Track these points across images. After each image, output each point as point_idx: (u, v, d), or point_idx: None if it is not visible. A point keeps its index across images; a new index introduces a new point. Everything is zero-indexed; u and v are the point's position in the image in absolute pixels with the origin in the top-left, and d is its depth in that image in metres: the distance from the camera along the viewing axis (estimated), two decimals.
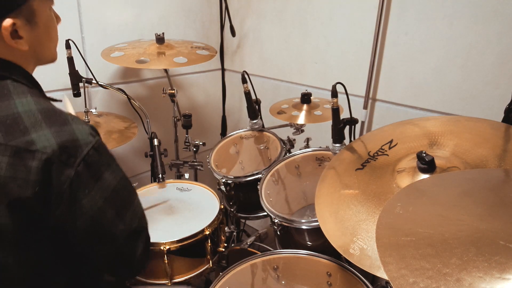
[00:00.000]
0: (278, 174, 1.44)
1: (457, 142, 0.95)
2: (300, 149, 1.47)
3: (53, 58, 0.87)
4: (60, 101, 0.90)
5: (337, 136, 1.25)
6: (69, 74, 1.45)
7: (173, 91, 1.68)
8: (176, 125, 1.79)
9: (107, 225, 0.80)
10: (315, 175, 1.40)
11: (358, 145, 1.13)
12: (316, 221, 1.06)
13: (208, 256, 1.25)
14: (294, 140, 1.60)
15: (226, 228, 1.43)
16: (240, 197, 1.48)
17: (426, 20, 1.42)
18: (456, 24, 1.35)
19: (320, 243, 1.18)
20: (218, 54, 2.08)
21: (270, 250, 1.24)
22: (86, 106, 1.54)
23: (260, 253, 1.19)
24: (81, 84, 1.47)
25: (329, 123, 1.26)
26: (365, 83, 1.64)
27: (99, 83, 1.54)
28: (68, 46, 1.43)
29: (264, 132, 1.65)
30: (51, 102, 0.81)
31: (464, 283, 0.47)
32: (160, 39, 1.61)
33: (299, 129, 1.60)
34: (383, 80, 1.61)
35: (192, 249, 1.21)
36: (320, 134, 1.66)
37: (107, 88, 1.58)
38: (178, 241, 1.18)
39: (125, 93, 1.56)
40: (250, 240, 1.54)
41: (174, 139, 1.83)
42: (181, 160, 1.78)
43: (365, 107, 1.67)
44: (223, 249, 1.34)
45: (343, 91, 1.20)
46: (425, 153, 0.87)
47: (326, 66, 1.82)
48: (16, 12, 0.73)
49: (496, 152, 0.88)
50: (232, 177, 1.44)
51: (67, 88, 1.54)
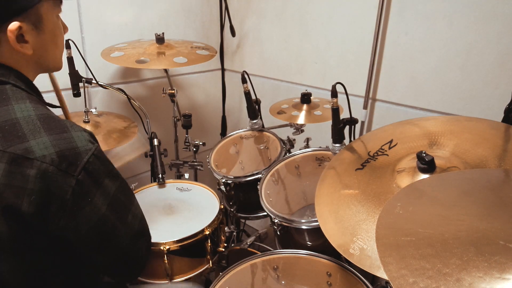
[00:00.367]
0: (278, 174, 1.44)
1: (457, 142, 0.95)
2: (300, 149, 1.47)
3: (58, 66, 0.87)
4: (58, 107, 0.90)
5: (337, 136, 1.25)
6: (69, 74, 1.45)
7: (173, 91, 1.68)
8: (176, 125, 1.79)
9: (111, 230, 0.80)
10: (315, 175, 1.40)
11: (358, 145, 1.13)
12: (316, 221, 1.06)
13: (208, 256, 1.25)
14: (294, 140, 1.60)
15: (226, 228, 1.42)
16: (240, 197, 1.48)
17: (426, 20, 1.42)
18: (456, 24, 1.35)
19: (320, 243, 1.18)
20: (218, 54, 2.08)
21: (270, 250, 1.24)
22: (86, 106, 1.54)
23: (260, 253, 1.19)
24: (81, 84, 1.47)
25: (329, 123, 1.26)
26: (365, 83, 1.64)
27: (99, 83, 1.54)
28: (68, 46, 1.43)
29: (264, 132, 1.65)
30: (49, 108, 0.80)
31: (464, 283, 0.47)
32: (160, 39, 1.61)
33: (299, 129, 1.60)
34: (383, 80, 1.61)
35: (192, 249, 1.21)
36: (320, 134, 1.66)
37: (107, 88, 1.58)
38: (178, 241, 1.18)
39: (125, 93, 1.56)
40: (250, 240, 1.54)
41: (174, 139, 1.83)
42: (181, 160, 1.79)
43: (365, 107, 1.67)
44: (223, 249, 1.34)
45: (343, 91, 1.20)
46: (425, 153, 0.87)
47: (326, 66, 1.82)
48: (23, 16, 0.73)
49: (496, 152, 0.88)
50: (232, 177, 1.44)
51: (67, 88, 1.54)
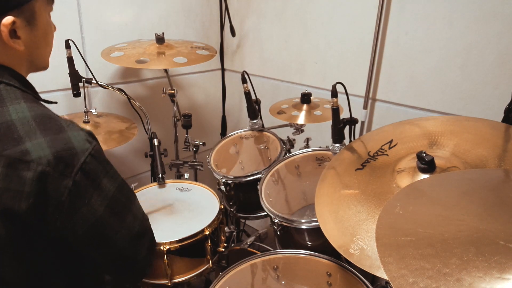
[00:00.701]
0: (278, 174, 1.44)
1: (457, 142, 0.95)
2: (300, 149, 1.47)
3: (45, 65, 0.86)
4: (55, 103, 0.89)
5: (337, 136, 1.25)
6: (69, 74, 1.45)
7: (173, 91, 1.68)
8: (176, 125, 1.79)
9: (109, 231, 0.79)
10: (315, 175, 1.40)
11: (358, 145, 1.13)
12: (316, 221, 1.06)
13: (208, 256, 1.25)
14: (294, 140, 1.60)
15: (226, 228, 1.42)
16: (240, 197, 1.48)
17: (426, 20, 1.42)
18: (456, 24, 1.35)
19: (320, 243, 1.18)
20: (218, 54, 2.08)
21: (270, 250, 1.24)
22: (86, 106, 1.54)
23: (260, 253, 1.19)
24: (81, 84, 1.47)
25: (329, 123, 1.26)
26: (365, 83, 1.64)
27: (99, 83, 1.54)
28: (68, 46, 1.43)
29: (264, 132, 1.65)
30: (45, 105, 0.79)
31: (464, 283, 0.47)
32: (160, 39, 1.61)
33: (299, 129, 1.60)
34: (383, 80, 1.61)
35: (192, 249, 1.21)
36: (320, 134, 1.66)
37: (107, 88, 1.58)
38: (178, 241, 1.17)
39: (125, 93, 1.56)
40: (250, 240, 1.54)
41: (174, 139, 1.83)
42: (181, 160, 1.78)
43: (365, 107, 1.67)
44: (223, 249, 1.34)
45: (343, 91, 1.20)
46: (425, 153, 0.87)
47: (326, 66, 1.82)
48: (18, 11, 0.72)
49: (496, 152, 0.88)
50: (232, 177, 1.44)
51: (67, 88, 1.54)
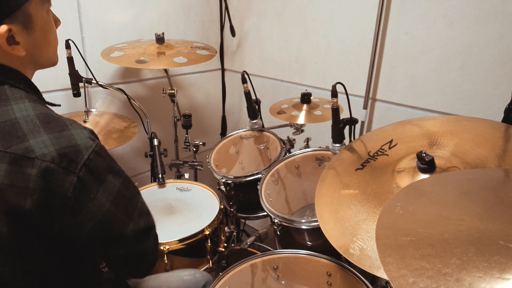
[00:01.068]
0: (278, 174, 1.44)
1: (457, 142, 0.95)
2: (300, 149, 1.47)
3: (53, 62, 0.86)
4: (59, 106, 0.90)
5: (337, 136, 1.25)
6: (69, 74, 1.45)
7: (173, 91, 1.68)
8: (176, 125, 1.79)
9: (116, 227, 0.79)
10: (315, 175, 1.40)
11: (358, 145, 1.13)
12: (316, 221, 1.06)
13: (208, 256, 1.26)
14: (294, 140, 1.60)
15: (226, 228, 1.43)
16: (240, 197, 1.48)
17: (426, 20, 1.42)
18: (456, 24, 1.35)
19: (320, 243, 1.18)
20: (218, 54, 2.08)
21: (270, 250, 1.24)
22: (86, 106, 1.54)
23: (260, 253, 1.19)
24: (81, 84, 1.47)
25: (329, 123, 1.26)
26: (365, 83, 1.64)
27: (99, 83, 1.54)
28: (68, 46, 1.43)
29: (264, 132, 1.65)
30: (49, 107, 0.80)
31: (464, 283, 0.47)
32: (160, 39, 1.61)
33: (299, 129, 1.60)
34: (383, 80, 1.61)
35: (192, 249, 1.22)
36: (320, 134, 1.66)
37: (107, 88, 1.58)
38: (178, 241, 1.18)
39: (125, 93, 1.56)
40: (250, 240, 1.54)
41: (174, 139, 1.83)
42: (181, 160, 1.79)
43: (365, 107, 1.67)
44: (223, 249, 1.34)
45: (343, 91, 1.21)
46: (425, 153, 0.87)
47: (326, 66, 1.82)
48: (11, 18, 0.71)
49: (496, 152, 0.88)
50: (232, 177, 1.44)
51: (67, 88, 1.54)
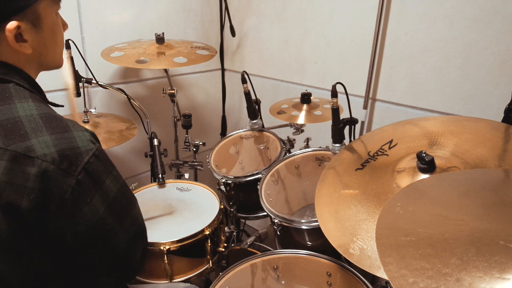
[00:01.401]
0: (278, 174, 1.44)
1: (457, 142, 0.95)
2: (300, 149, 1.47)
3: (58, 64, 0.87)
4: (62, 106, 0.90)
5: (337, 136, 1.25)
6: None
7: (173, 91, 1.68)
8: (176, 125, 1.79)
9: (108, 232, 0.79)
10: (315, 175, 1.40)
11: (358, 145, 1.13)
12: (316, 221, 1.06)
13: (208, 256, 1.25)
14: (294, 140, 1.60)
15: (226, 228, 1.42)
16: (240, 197, 1.48)
17: (426, 20, 1.42)
18: (456, 24, 1.35)
19: (320, 243, 1.18)
20: (218, 54, 2.08)
21: (270, 250, 1.24)
22: (86, 106, 1.54)
23: (260, 253, 1.19)
24: (81, 84, 1.47)
25: (329, 123, 1.26)
26: (365, 83, 1.64)
27: (99, 83, 1.54)
28: (68, 46, 1.43)
29: (264, 132, 1.65)
30: (52, 107, 0.80)
31: (464, 283, 0.47)
32: (160, 39, 1.61)
33: (299, 129, 1.60)
34: (383, 80, 1.61)
35: (192, 249, 1.21)
36: (320, 134, 1.66)
37: (107, 88, 1.58)
38: (178, 241, 1.18)
39: (125, 93, 1.56)
40: (250, 240, 1.54)
41: (174, 139, 1.83)
42: (181, 160, 1.78)
43: (365, 107, 1.67)
44: (223, 249, 1.34)
45: (343, 91, 1.20)
46: (425, 153, 0.87)
47: (326, 66, 1.82)
48: (21, 15, 0.73)
49: (496, 152, 0.88)
50: (232, 177, 1.44)
51: (67, 88, 1.54)
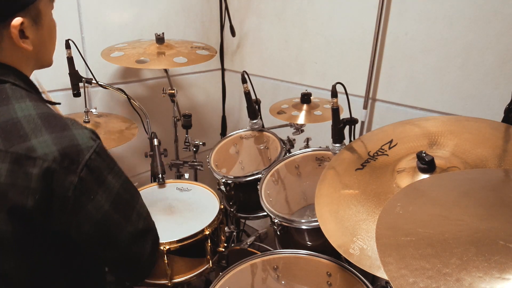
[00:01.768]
0: (278, 174, 1.44)
1: (457, 142, 0.95)
2: (300, 149, 1.47)
3: (51, 62, 0.88)
4: (59, 104, 0.90)
5: (337, 136, 1.25)
6: (69, 74, 1.45)
7: (173, 91, 1.68)
8: (176, 125, 1.79)
9: (113, 228, 0.79)
10: (315, 175, 1.40)
11: (358, 145, 1.13)
12: (316, 221, 1.06)
13: (208, 256, 1.25)
14: (294, 140, 1.60)
15: (226, 228, 1.42)
16: (240, 197, 1.48)
17: (426, 20, 1.42)
18: (456, 24, 1.35)
19: (320, 243, 1.18)
20: (218, 54, 2.08)
21: (270, 250, 1.24)
22: (86, 106, 1.54)
23: (260, 253, 1.19)
24: (81, 84, 1.47)
25: (329, 123, 1.26)
26: (365, 83, 1.64)
27: (99, 83, 1.54)
28: (68, 46, 1.43)
29: (264, 132, 1.65)
30: (49, 106, 0.80)
31: (464, 283, 0.47)
32: (160, 39, 1.61)
33: (299, 129, 1.60)
34: (383, 80, 1.61)
35: (192, 249, 1.21)
36: (320, 134, 1.66)
37: (107, 88, 1.58)
38: (178, 241, 1.18)
39: (125, 93, 1.56)
40: (250, 240, 1.54)
41: (174, 139, 1.83)
42: (181, 160, 1.78)
43: (365, 107, 1.67)
44: (223, 249, 1.34)
45: (343, 91, 1.20)
46: (425, 153, 0.87)
47: (326, 66, 1.82)
48: (25, 12, 0.74)
49: (496, 152, 0.88)
50: (232, 177, 1.44)
51: (67, 88, 1.54)
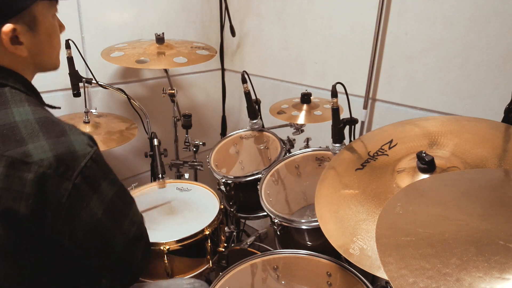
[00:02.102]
0: (278, 174, 1.44)
1: (457, 142, 0.95)
2: (300, 149, 1.47)
3: (55, 66, 0.87)
4: (58, 108, 0.90)
5: (337, 136, 1.25)
6: (69, 74, 1.45)
7: (173, 91, 1.68)
8: (176, 125, 1.79)
9: (106, 235, 0.79)
10: (315, 175, 1.40)
11: (358, 145, 1.13)
12: (316, 221, 1.06)
13: (208, 256, 1.26)
14: (294, 140, 1.60)
15: (226, 228, 1.42)
16: (240, 197, 1.48)
17: (426, 20, 1.42)
18: (456, 24, 1.35)
19: (320, 243, 1.18)
20: (218, 54, 2.08)
21: (270, 250, 1.24)
22: (86, 107, 1.54)
23: (260, 253, 1.19)
24: (81, 84, 1.47)
25: (329, 123, 1.26)
26: (365, 83, 1.64)
27: (99, 83, 1.54)
28: (68, 46, 1.43)
29: (264, 132, 1.65)
30: (49, 110, 0.80)
31: (464, 283, 0.47)
32: (160, 39, 1.61)
33: (299, 129, 1.60)
34: (383, 80, 1.61)
35: (192, 249, 1.22)
36: (320, 134, 1.66)
37: (107, 88, 1.58)
38: (178, 241, 1.18)
39: (125, 93, 1.56)
40: (250, 240, 1.54)
41: (174, 139, 1.83)
42: (181, 160, 1.78)
43: (365, 107, 1.67)
44: (223, 249, 1.34)
45: (343, 91, 1.21)
46: (425, 153, 0.87)
47: (326, 66, 1.82)
48: (17, 18, 0.72)
49: (496, 152, 0.88)
50: (232, 177, 1.44)
51: (67, 88, 1.54)
